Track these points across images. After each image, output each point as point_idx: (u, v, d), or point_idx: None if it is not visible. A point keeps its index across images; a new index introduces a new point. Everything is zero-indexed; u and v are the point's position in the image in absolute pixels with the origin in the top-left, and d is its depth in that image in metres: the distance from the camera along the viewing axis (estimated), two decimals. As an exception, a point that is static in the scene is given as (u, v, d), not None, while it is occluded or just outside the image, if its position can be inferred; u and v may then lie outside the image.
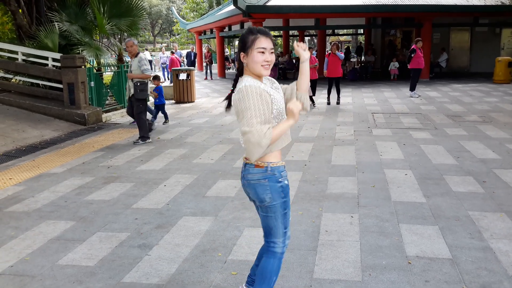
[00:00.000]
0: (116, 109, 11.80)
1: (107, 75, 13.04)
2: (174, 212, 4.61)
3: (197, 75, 24.40)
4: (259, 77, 2.50)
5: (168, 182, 5.66)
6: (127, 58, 23.10)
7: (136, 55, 8.00)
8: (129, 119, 10.65)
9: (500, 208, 4.49)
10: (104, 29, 11.72)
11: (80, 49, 11.55)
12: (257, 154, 2.34)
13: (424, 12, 18.24)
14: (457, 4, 18.11)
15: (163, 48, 29.63)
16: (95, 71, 11.73)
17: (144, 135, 8.14)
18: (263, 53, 2.43)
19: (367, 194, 5.01)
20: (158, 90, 10.20)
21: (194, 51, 24.87)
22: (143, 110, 8.10)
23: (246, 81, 2.41)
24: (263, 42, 2.43)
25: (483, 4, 18.36)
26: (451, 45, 22.38)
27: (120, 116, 11.49)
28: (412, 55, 13.76)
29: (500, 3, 18.40)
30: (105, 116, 10.86)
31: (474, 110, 11.00)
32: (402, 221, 4.21)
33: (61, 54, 10.55)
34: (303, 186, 5.36)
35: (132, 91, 7.97)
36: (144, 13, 13.49)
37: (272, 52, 2.46)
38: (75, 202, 5.01)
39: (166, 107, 10.55)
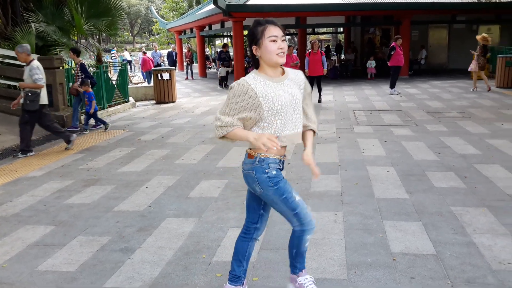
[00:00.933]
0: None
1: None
2: (157, 214, 4.54)
3: (178, 75, 24.22)
4: (274, 68, 2.54)
5: (150, 183, 5.58)
6: (106, 59, 22.80)
7: (29, 63, 7.27)
8: (109, 120, 10.50)
9: (482, 203, 4.53)
10: (82, 30, 11.54)
11: (58, 50, 11.35)
12: (216, 133, 2.55)
13: (403, 10, 18.42)
14: (435, 1, 18.33)
15: (143, 48, 29.29)
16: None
17: (24, 148, 7.40)
18: (275, 41, 2.45)
19: (350, 192, 5.01)
20: (87, 96, 9.48)
21: (175, 50, 24.63)
22: (27, 120, 7.37)
23: (244, 77, 2.51)
24: (273, 31, 2.45)
25: (461, 1, 18.60)
26: (429, 42, 22.64)
27: (99, 117, 11.31)
28: (392, 53, 13.87)
29: (476, 1, 18.67)
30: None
31: (454, 106, 11.14)
32: (386, 218, 4.21)
33: (38, 55, 10.33)
34: (286, 185, 5.33)
35: (21, 101, 7.35)
36: (123, 13, 13.35)
37: (283, 40, 2.48)
38: (54, 206, 4.90)
39: (147, 107, 10.42)
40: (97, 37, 14.48)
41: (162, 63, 22.69)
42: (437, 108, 10.94)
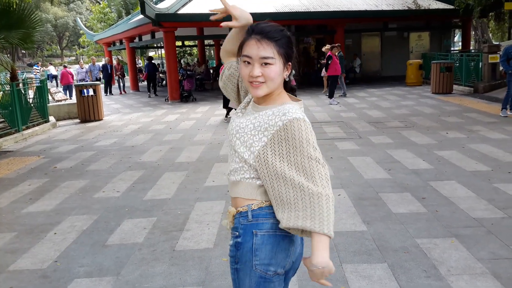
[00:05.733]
0: (8, 134, 10.25)
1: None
2: (63, 272, 3.60)
3: (116, 88, 22.78)
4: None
5: (60, 227, 4.59)
6: (23, 75, 21.03)
7: None
8: (24, 145, 9.27)
9: (449, 232, 3.98)
10: (-11, 43, 10.24)
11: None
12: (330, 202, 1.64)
13: (337, 19, 18.31)
14: (367, 9, 18.39)
15: (81, 61, 27.03)
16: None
17: None
18: (248, 63, 1.68)
19: (300, 225, 4.31)
20: None
21: (110, 63, 23.03)
22: None
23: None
24: (251, 47, 1.67)
25: (391, 9, 18.80)
26: (362, 50, 22.77)
27: (14, 142, 10.01)
28: (329, 62, 13.52)
29: (406, 8, 18.95)
30: None
31: (394, 115, 10.86)
32: (345, 260, 3.54)
33: None
34: (226, 219, 4.55)
35: None
36: (40, 24, 12.05)
37: (267, 63, 1.65)
38: None
39: (69, 127, 9.29)
40: (11, 51, 13.07)
41: (99, 78, 20.93)
42: (378, 118, 10.61)
